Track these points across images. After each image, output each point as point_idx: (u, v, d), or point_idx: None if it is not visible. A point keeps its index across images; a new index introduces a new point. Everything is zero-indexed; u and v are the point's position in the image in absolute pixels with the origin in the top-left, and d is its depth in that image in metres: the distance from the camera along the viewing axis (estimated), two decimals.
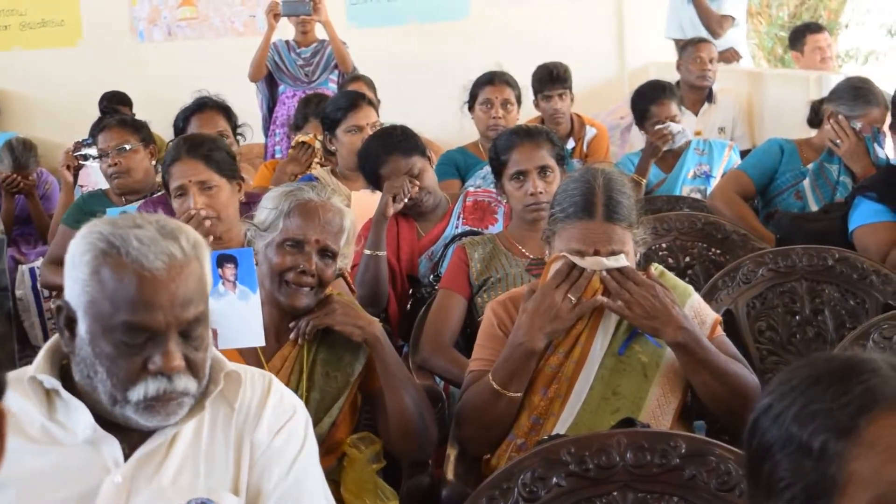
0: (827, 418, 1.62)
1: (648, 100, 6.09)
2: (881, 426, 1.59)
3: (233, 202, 4.18)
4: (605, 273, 3.04)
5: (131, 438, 2.21)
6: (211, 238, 3.85)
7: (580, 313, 3.06)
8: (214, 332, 3.00)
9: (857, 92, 5.00)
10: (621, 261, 3.06)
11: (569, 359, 3.09)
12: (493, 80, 6.18)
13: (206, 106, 5.31)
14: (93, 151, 5.87)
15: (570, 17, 9.81)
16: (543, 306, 3.03)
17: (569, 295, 3.03)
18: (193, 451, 2.26)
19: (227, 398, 2.32)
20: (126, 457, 2.20)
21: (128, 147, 5.32)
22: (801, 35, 8.52)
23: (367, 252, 4.44)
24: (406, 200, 4.52)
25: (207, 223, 4.00)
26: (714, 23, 8.20)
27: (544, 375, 3.09)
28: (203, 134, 4.54)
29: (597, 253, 3.06)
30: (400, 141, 4.69)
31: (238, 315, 3.05)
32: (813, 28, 8.55)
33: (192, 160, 4.12)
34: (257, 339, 3.08)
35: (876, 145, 4.90)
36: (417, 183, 4.56)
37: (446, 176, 5.82)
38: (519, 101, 6.24)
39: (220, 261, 3.05)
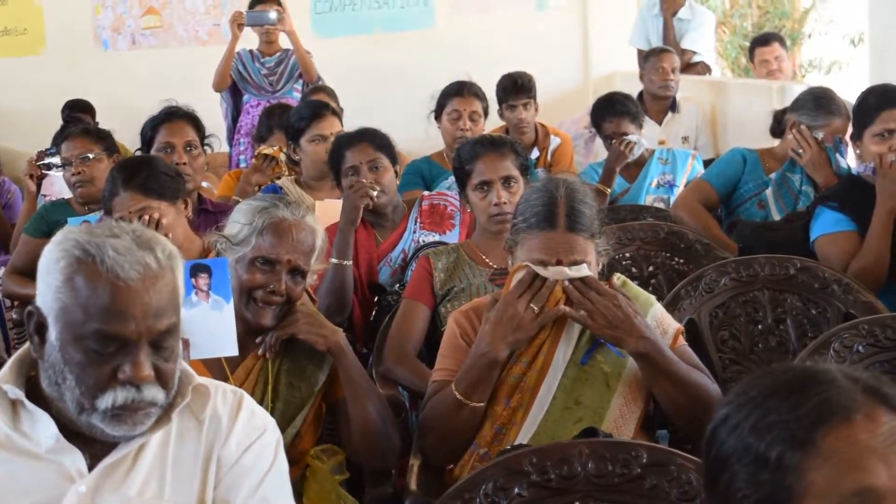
0: (783, 430, 1.63)
1: (602, 115, 6.13)
2: (836, 438, 1.60)
3: (179, 222, 4.17)
4: (567, 283, 3.04)
5: (95, 449, 2.20)
6: None
7: (542, 323, 3.07)
8: (186, 342, 3.01)
9: (819, 102, 5.03)
10: (583, 270, 3.06)
11: (531, 369, 3.09)
12: (461, 91, 6.18)
13: (174, 115, 5.29)
14: (56, 160, 5.85)
15: (534, 26, 9.84)
16: (506, 316, 3.03)
17: (531, 304, 3.03)
18: (160, 464, 2.25)
19: (194, 411, 2.31)
20: (90, 468, 2.19)
21: (91, 156, 5.30)
22: (752, 47, 8.62)
23: (334, 261, 4.42)
24: (371, 200, 4.49)
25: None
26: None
27: (507, 385, 3.10)
28: (137, 160, 4.50)
29: (559, 263, 3.07)
30: (375, 135, 4.71)
31: (211, 325, 3.04)
32: (760, 41, 8.63)
33: (127, 191, 4.11)
34: (230, 348, 3.07)
35: (838, 155, 4.93)
36: (375, 187, 4.52)
37: (411, 185, 5.81)
38: (486, 113, 6.25)
39: (194, 270, 3.04)
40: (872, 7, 6.15)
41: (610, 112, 6.11)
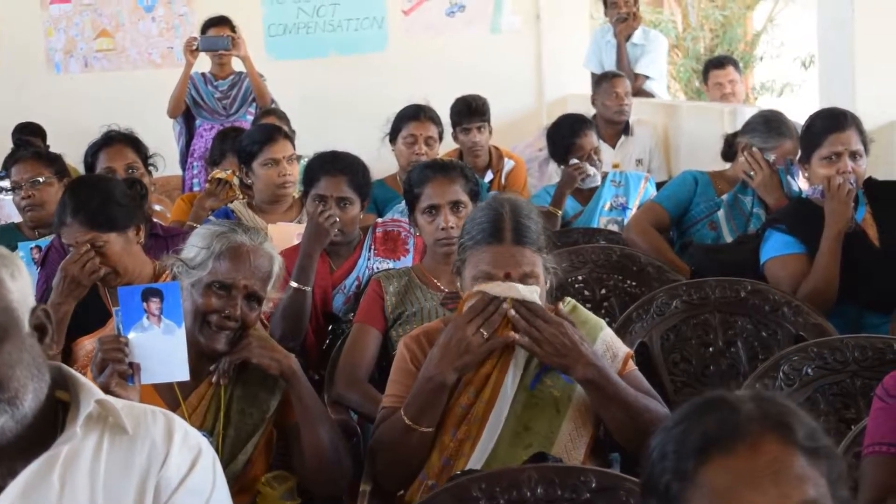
0: (673, 460, 1.66)
1: (571, 133, 6.13)
2: (713, 468, 1.62)
3: (129, 250, 4.11)
4: (513, 312, 3.03)
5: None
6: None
7: (491, 348, 3.06)
8: (137, 367, 2.99)
9: (770, 125, 5.07)
10: (534, 294, 3.05)
11: (479, 399, 3.08)
12: (418, 115, 6.16)
13: (113, 139, 5.26)
14: (5, 184, 5.80)
15: (488, 49, 9.88)
16: (454, 340, 3.03)
17: (481, 330, 3.03)
18: (91, 481, 2.22)
19: (120, 423, 2.27)
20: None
21: (41, 180, 5.26)
22: (706, 70, 8.69)
23: (294, 285, 4.38)
24: (335, 229, 4.46)
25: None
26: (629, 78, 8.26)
27: (454, 415, 3.09)
28: (89, 185, 4.43)
29: (507, 276, 3.07)
30: (356, 172, 4.64)
31: (162, 349, 3.02)
32: (715, 63, 8.71)
33: (75, 223, 4.06)
34: (182, 373, 3.05)
35: (789, 177, 4.97)
36: (337, 226, 4.48)
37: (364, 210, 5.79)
38: (441, 138, 6.25)
39: (146, 294, 3.02)
40: (821, 30, 6.20)
41: (584, 126, 6.15)
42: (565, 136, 6.16)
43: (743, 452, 1.62)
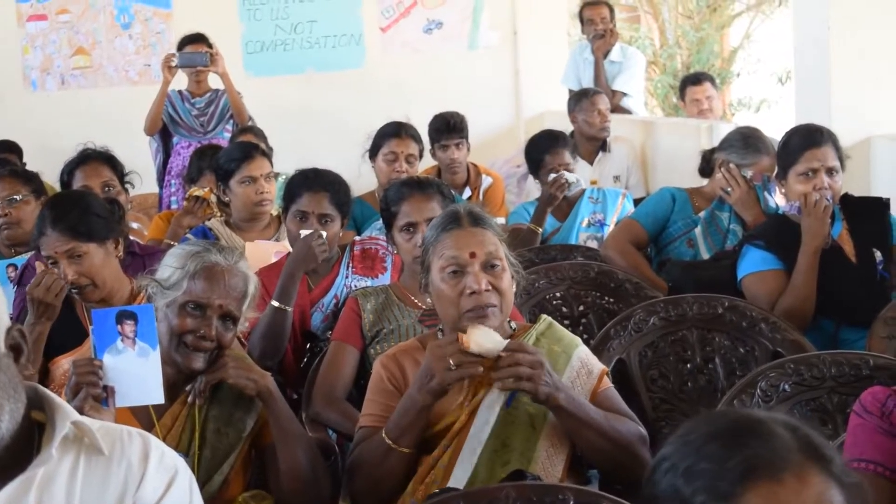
0: (710, 479, 1.62)
1: (542, 149, 6.15)
2: (759, 495, 1.60)
3: (108, 263, 4.13)
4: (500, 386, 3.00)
5: None
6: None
7: (462, 375, 3.03)
8: (111, 390, 2.99)
9: (747, 141, 5.09)
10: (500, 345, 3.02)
11: (457, 421, 3.08)
12: (399, 133, 6.15)
13: (89, 157, 5.26)
14: None
15: (466, 66, 9.90)
16: (433, 363, 3.00)
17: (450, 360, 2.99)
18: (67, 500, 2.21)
19: (95, 445, 2.26)
20: None
21: (18, 198, 5.25)
22: (682, 86, 8.73)
23: (276, 304, 4.37)
24: (326, 253, 4.46)
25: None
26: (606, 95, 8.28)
27: (435, 436, 3.08)
28: (71, 197, 4.46)
29: (473, 255, 3.07)
30: (338, 189, 4.64)
31: (137, 372, 3.01)
32: (692, 80, 8.76)
33: (55, 232, 4.08)
34: (156, 396, 3.03)
35: (766, 193, 4.98)
36: (324, 235, 4.48)
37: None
38: (421, 155, 6.24)
39: (120, 317, 3.01)
40: (797, 46, 6.23)
41: (552, 145, 6.15)
42: (537, 152, 6.19)
43: (790, 483, 1.61)
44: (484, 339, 2.96)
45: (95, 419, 2.75)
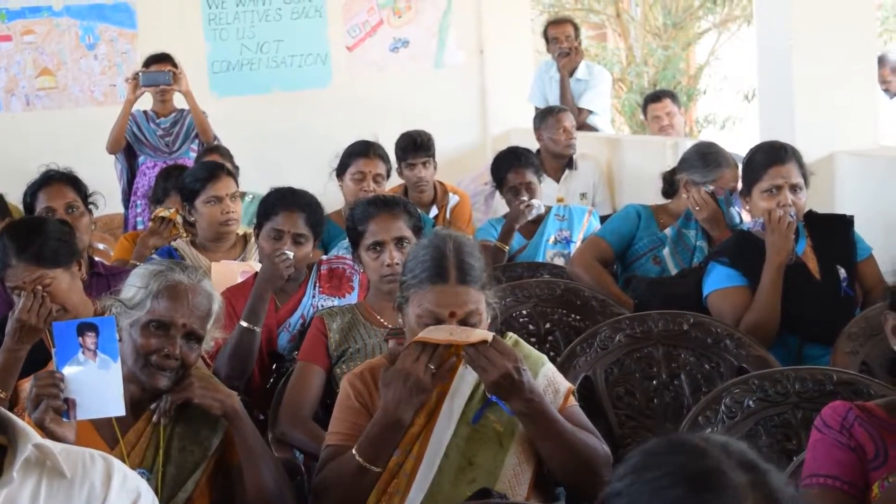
0: None
1: (506, 167, 6.17)
2: None
3: (74, 287, 4.13)
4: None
5: None
6: None
7: (440, 380, 3.05)
8: (73, 403, 2.96)
9: (706, 158, 5.12)
10: (488, 333, 3.04)
11: (416, 425, 3.08)
12: (367, 152, 6.13)
13: (52, 179, 5.24)
14: None
15: (432, 84, 9.91)
16: (410, 382, 3.01)
17: (429, 365, 3.02)
18: None
19: (57, 467, 2.26)
20: None
21: None
22: (645, 104, 8.79)
23: (244, 324, 4.37)
24: (291, 270, 4.46)
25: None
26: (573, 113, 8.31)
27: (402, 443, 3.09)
28: (30, 224, 4.43)
29: (452, 315, 3.07)
30: (314, 210, 4.65)
31: (98, 384, 2.99)
32: (652, 97, 8.82)
33: (21, 262, 4.05)
34: (117, 408, 3.02)
35: (731, 208, 5.01)
36: (292, 265, 4.48)
37: None
38: (389, 175, 6.24)
39: (81, 329, 2.99)
40: (761, 63, 6.26)
41: (515, 163, 6.17)
42: (501, 170, 6.22)
43: None
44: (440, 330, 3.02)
45: (56, 433, 2.76)
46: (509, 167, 6.16)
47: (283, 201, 4.63)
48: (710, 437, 1.75)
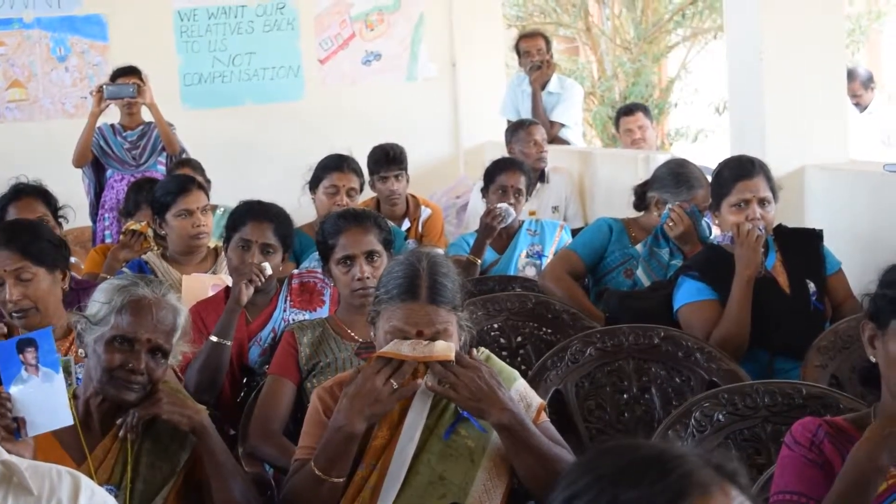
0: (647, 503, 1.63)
1: (500, 168, 6.24)
2: None
3: (54, 292, 4.10)
4: (429, 384, 3.02)
5: None
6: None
7: (401, 397, 3.05)
8: (22, 421, 2.95)
9: (678, 178, 5.13)
10: (449, 349, 3.05)
11: (380, 437, 3.08)
12: (341, 166, 6.13)
13: (22, 192, 5.23)
14: None
15: (405, 97, 9.92)
16: (364, 390, 3.01)
17: (391, 381, 3.02)
18: None
19: (24, 485, 2.25)
20: None
21: None
22: (617, 117, 8.83)
23: (214, 339, 4.37)
24: (259, 283, 4.46)
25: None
26: (545, 126, 8.33)
27: (359, 454, 3.08)
28: (24, 221, 4.45)
29: (420, 334, 3.07)
30: (282, 220, 4.66)
31: (44, 398, 2.99)
32: (624, 110, 8.87)
33: (6, 250, 4.04)
34: (66, 418, 3.01)
35: (703, 220, 5.03)
36: (261, 277, 4.48)
37: None
38: (362, 189, 6.24)
39: (21, 346, 2.99)
40: (731, 76, 6.29)
41: (511, 166, 6.23)
42: (495, 170, 6.24)
43: (718, 496, 1.62)
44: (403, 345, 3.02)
45: (11, 452, 2.74)
46: (504, 169, 6.20)
47: (252, 212, 4.64)
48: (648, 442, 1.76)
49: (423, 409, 3.10)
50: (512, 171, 6.19)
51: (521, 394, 3.21)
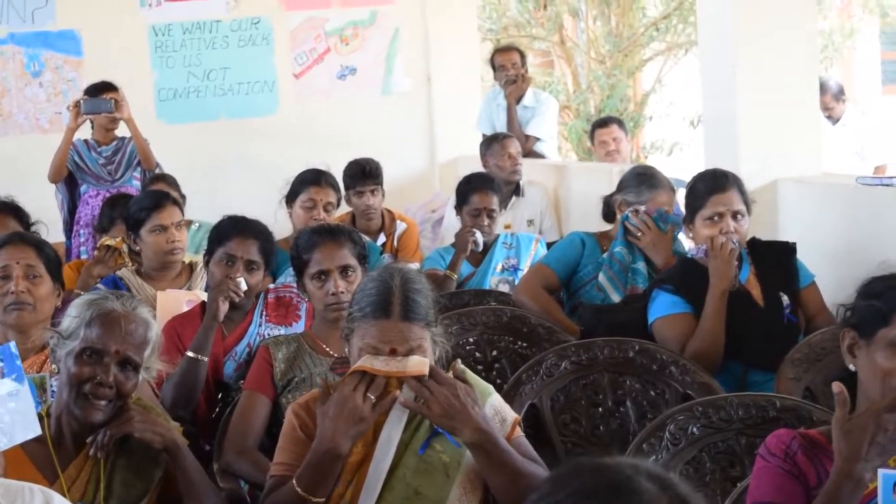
0: None
1: (473, 187, 6.24)
2: None
3: (50, 301, 4.11)
4: (402, 399, 3.02)
5: None
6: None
7: (382, 410, 3.05)
8: None
9: (641, 179, 5.17)
10: (422, 365, 3.05)
11: (355, 453, 3.07)
12: (319, 181, 6.13)
13: None
14: None
15: (380, 112, 9.92)
16: (346, 410, 3.00)
17: (368, 395, 3.02)
18: None
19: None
20: None
21: None
22: (592, 130, 8.87)
23: (191, 355, 4.36)
24: (237, 299, 4.46)
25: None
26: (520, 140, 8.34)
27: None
28: (31, 237, 4.46)
29: (393, 352, 3.07)
30: (267, 237, 4.68)
31: (12, 412, 2.97)
32: (600, 123, 8.92)
33: (24, 245, 4.11)
34: (34, 430, 3.00)
35: (667, 226, 5.04)
36: (240, 293, 4.48)
37: None
38: (339, 204, 6.24)
39: None
40: (705, 90, 6.31)
41: (483, 186, 6.23)
42: (467, 189, 6.25)
43: None
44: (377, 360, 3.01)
45: None
46: (477, 188, 6.21)
47: (238, 227, 4.65)
48: (619, 458, 1.76)
49: (398, 426, 3.10)
50: (484, 193, 6.20)
51: (496, 408, 3.21)
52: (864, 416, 2.58)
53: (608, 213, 5.40)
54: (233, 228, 4.65)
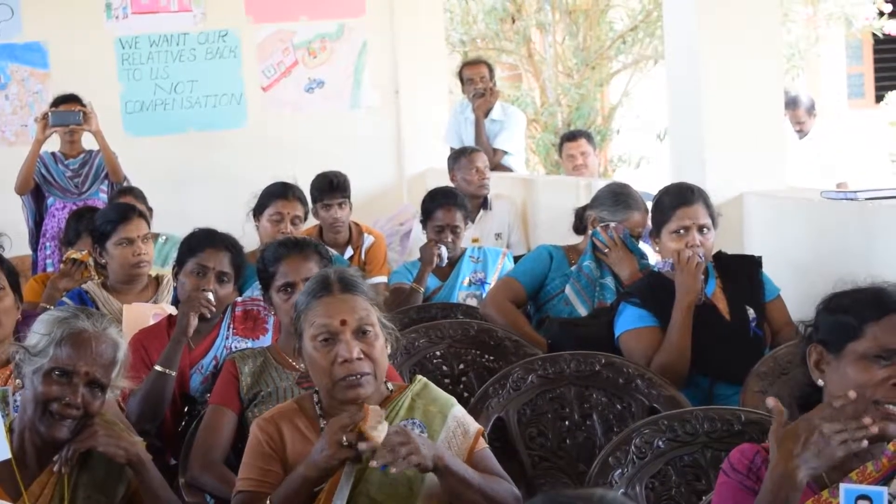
0: None
1: (437, 203, 6.22)
2: None
3: (13, 315, 4.07)
4: (375, 464, 2.99)
5: None
6: None
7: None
8: None
9: (617, 198, 5.18)
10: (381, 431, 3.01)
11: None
12: (286, 194, 6.11)
13: None
14: None
15: (348, 124, 9.92)
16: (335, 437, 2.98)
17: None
18: None
19: None
20: None
21: None
22: (560, 144, 8.89)
23: (159, 369, 4.34)
24: (208, 314, 4.45)
25: None
26: (488, 153, 8.36)
27: None
28: None
29: (344, 323, 3.07)
30: (239, 251, 4.69)
31: None
32: (568, 137, 8.94)
33: None
34: (3, 452, 2.99)
35: (639, 243, 5.07)
36: (211, 308, 4.47)
37: None
38: (306, 217, 6.23)
39: None
40: (671, 104, 6.33)
41: (447, 202, 6.21)
42: (431, 205, 6.24)
43: None
44: (381, 426, 2.95)
45: None
46: (441, 204, 6.19)
47: (210, 239, 4.66)
48: (589, 490, 1.77)
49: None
50: (447, 209, 6.19)
51: (459, 420, 3.21)
52: (797, 423, 2.61)
53: (579, 227, 5.41)
54: (205, 239, 4.65)
